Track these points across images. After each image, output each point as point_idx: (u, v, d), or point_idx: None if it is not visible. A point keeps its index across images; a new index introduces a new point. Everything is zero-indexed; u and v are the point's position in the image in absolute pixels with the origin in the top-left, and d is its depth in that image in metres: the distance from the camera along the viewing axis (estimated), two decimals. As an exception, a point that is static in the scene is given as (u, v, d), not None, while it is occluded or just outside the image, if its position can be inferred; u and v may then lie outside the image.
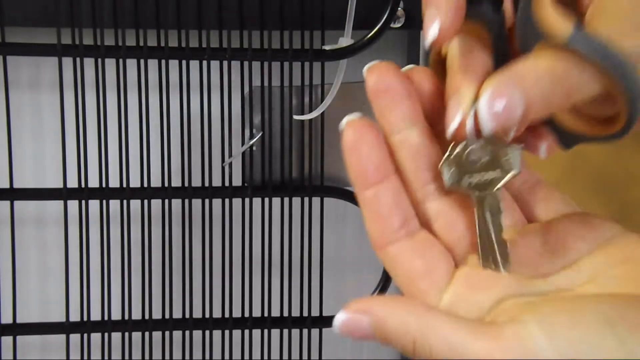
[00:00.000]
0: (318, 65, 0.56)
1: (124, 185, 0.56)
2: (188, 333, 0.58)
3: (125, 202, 0.56)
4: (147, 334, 0.58)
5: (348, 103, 0.60)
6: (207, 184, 0.57)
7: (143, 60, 0.55)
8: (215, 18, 0.55)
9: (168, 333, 0.58)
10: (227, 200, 0.57)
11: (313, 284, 0.59)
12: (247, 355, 0.59)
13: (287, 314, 0.59)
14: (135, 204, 0.56)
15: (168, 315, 0.58)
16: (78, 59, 0.54)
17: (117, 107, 0.55)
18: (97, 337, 0.57)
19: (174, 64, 0.55)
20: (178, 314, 0.58)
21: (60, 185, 0.56)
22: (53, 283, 0.61)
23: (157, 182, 0.56)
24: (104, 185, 0.56)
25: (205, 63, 0.55)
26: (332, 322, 0.35)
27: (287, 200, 0.58)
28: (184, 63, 0.55)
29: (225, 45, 0.55)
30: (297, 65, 0.56)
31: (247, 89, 0.56)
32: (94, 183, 0.56)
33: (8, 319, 0.57)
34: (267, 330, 0.59)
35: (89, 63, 0.54)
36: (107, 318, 0.57)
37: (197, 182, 0.57)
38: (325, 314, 0.59)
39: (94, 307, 0.57)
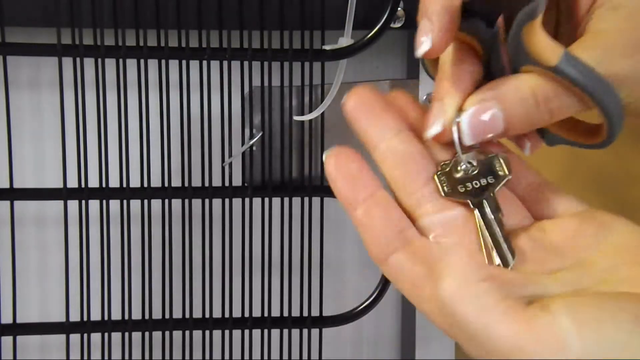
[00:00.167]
0: (318, 65, 0.56)
1: (124, 185, 0.56)
2: (188, 333, 0.58)
3: (125, 202, 0.56)
4: (147, 334, 0.58)
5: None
6: (207, 184, 0.57)
7: (143, 60, 0.55)
8: (215, 18, 0.55)
9: (168, 333, 0.58)
10: (227, 200, 0.57)
11: (313, 284, 0.59)
12: (247, 355, 0.59)
13: (287, 314, 0.59)
14: (135, 204, 0.56)
15: (168, 315, 0.58)
16: (78, 59, 0.54)
17: (117, 107, 0.55)
18: (97, 337, 0.57)
19: (174, 64, 0.55)
20: (178, 314, 0.58)
21: (60, 185, 0.56)
22: (53, 283, 0.61)
23: (157, 182, 0.56)
24: (104, 185, 0.56)
25: (205, 63, 0.55)
26: (332, 322, 0.35)
27: (287, 200, 0.58)
28: (184, 63, 0.55)
29: (225, 45, 0.55)
30: (297, 65, 0.56)
31: (247, 89, 0.56)
32: (94, 183, 0.56)
33: (8, 319, 0.57)
34: (267, 330, 0.59)
35: (89, 63, 0.54)
36: (107, 318, 0.57)
37: (197, 182, 0.57)
38: (325, 314, 0.59)
39: (94, 307, 0.57)
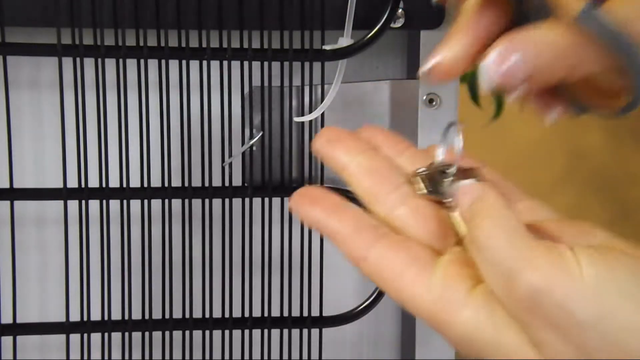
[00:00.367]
0: (318, 65, 0.56)
1: (124, 185, 0.56)
2: (188, 333, 0.58)
3: (125, 202, 0.56)
4: (147, 334, 0.58)
5: (348, 103, 0.60)
6: (207, 184, 0.57)
7: (143, 60, 0.55)
8: (215, 18, 0.55)
9: (168, 333, 0.58)
10: (227, 200, 0.57)
11: (313, 284, 0.59)
12: (247, 355, 0.59)
13: (287, 314, 0.59)
14: (135, 204, 0.56)
15: (168, 315, 0.58)
16: (78, 59, 0.54)
17: (117, 107, 0.55)
18: (97, 337, 0.57)
19: (174, 64, 0.55)
20: (178, 314, 0.58)
21: (60, 185, 0.56)
22: (53, 283, 0.61)
23: (157, 182, 0.56)
24: (104, 185, 0.56)
25: (205, 63, 0.55)
26: (332, 322, 0.36)
27: (287, 200, 0.58)
28: (184, 63, 0.55)
29: (225, 45, 0.55)
30: (297, 65, 0.56)
31: (247, 89, 0.56)
32: (94, 183, 0.56)
33: (8, 319, 0.57)
34: (267, 330, 0.59)
35: (89, 63, 0.54)
36: (107, 318, 0.57)
37: (197, 182, 0.57)
38: (325, 314, 0.59)
39: (94, 307, 0.57)
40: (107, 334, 0.57)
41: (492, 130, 1.44)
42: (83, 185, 0.56)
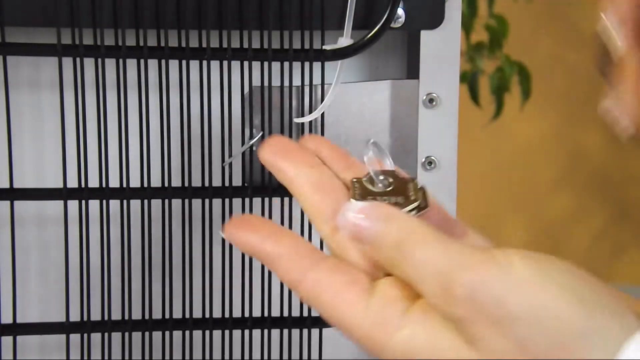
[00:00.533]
0: (318, 65, 0.56)
1: (124, 185, 0.56)
2: (188, 333, 0.58)
3: (125, 202, 0.56)
4: (147, 334, 0.58)
5: (348, 103, 0.60)
6: (207, 184, 0.57)
7: (143, 60, 0.55)
8: (215, 18, 0.55)
9: (168, 333, 0.58)
10: (227, 200, 0.57)
11: (313, 284, 0.59)
12: (247, 355, 0.59)
13: (287, 314, 0.59)
14: (135, 204, 0.56)
15: (168, 316, 0.58)
16: (78, 59, 0.54)
17: (117, 107, 0.55)
18: (97, 337, 0.57)
19: (174, 64, 0.55)
20: (178, 314, 0.58)
21: (60, 185, 0.56)
22: (53, 283, 0.61)
23: (157, 182, 0.56)
24: (104, 185, 0.56)
25: (205, 63, 0.55)
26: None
27: (287, 200, 0.58)
28: (184, 63, 0.55)
29: (225, 45, 0.55)
30: (297, 65, 0.56)
31: (247, 89, 0.57)
32: (94, 183, 0.56)
33: (8, 319, 0.57)
34: (267, 330, 0.59)
35: (89, 63, 0.54)
36: (107, 318, 0.57)
37: (197, 182, 0.57)
38: (325, 314, 0.59)
39: (94, 307, 0.57)
40: (107, 334, 0.57)
41: (492, 130, 1.44)
42: (83, 185, 0.56)
